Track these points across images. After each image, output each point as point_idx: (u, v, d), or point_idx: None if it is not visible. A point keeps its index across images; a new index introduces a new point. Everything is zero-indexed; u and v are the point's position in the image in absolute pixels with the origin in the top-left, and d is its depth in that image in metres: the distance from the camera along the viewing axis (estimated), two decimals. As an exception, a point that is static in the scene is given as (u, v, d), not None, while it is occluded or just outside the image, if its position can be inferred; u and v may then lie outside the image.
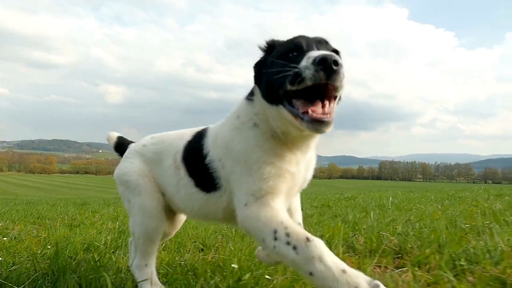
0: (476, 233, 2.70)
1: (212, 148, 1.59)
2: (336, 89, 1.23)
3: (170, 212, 1.99)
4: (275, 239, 1.26)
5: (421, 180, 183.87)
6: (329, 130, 1.23)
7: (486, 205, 4.93)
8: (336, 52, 1.38)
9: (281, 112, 1.33)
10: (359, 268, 1.83)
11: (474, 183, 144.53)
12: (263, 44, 1.49)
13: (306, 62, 1.21)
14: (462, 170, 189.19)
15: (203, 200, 1.65)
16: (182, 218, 2.19)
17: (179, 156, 1.76)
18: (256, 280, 1.88)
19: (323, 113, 1.23)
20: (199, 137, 1.69)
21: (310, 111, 1.22)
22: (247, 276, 1.90)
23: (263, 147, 1.43)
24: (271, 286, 1.82)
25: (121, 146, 2.15)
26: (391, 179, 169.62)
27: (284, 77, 1.25)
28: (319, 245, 1.19)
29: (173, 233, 2.23)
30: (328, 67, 1.16)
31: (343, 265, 1.15)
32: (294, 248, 1.21)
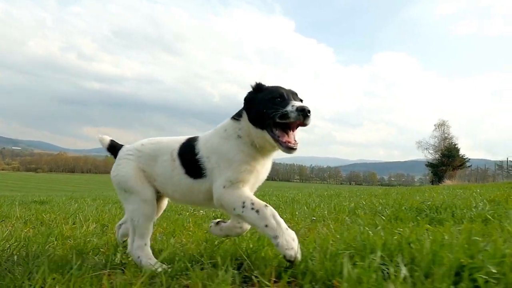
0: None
1: (202, 149, 2.24)
2: (305, 125, 1.99)
3: (158, 198, 2.56)
4: (243, 207, 1.99)
5: (298, 180, 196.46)
6: (295, 152, 2.00)
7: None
8: (301, 100, 2.12)
9: (265, 135, 2.04)
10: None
11: (341, 184, 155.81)
12: (253, 84, 2.17)
13: (291, 107, 1.94)
14: (332, 172, 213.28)
15: (190, 185, 2.28)
16: (165, 204, 2.76)
17: (175, 152, 2.35)
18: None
19: (294, 142, 1.99)
20: (192, 140, 2.34)
21: (285, 140, 1.98)
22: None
23: (244, 151, 2.12)
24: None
25: (114, 148, 2.61)
26: (272, 180, 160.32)
27: (275, 113, 1.96)
28: (273, 209, 1.95)
29: (159, 214, 2.76)
30: (305, 114, 1.92)
31: (286, 224, 1.93)
32: (257, 211, 1.94)
